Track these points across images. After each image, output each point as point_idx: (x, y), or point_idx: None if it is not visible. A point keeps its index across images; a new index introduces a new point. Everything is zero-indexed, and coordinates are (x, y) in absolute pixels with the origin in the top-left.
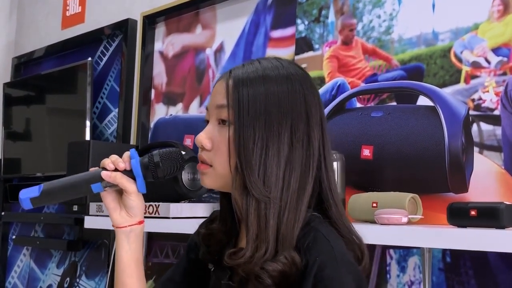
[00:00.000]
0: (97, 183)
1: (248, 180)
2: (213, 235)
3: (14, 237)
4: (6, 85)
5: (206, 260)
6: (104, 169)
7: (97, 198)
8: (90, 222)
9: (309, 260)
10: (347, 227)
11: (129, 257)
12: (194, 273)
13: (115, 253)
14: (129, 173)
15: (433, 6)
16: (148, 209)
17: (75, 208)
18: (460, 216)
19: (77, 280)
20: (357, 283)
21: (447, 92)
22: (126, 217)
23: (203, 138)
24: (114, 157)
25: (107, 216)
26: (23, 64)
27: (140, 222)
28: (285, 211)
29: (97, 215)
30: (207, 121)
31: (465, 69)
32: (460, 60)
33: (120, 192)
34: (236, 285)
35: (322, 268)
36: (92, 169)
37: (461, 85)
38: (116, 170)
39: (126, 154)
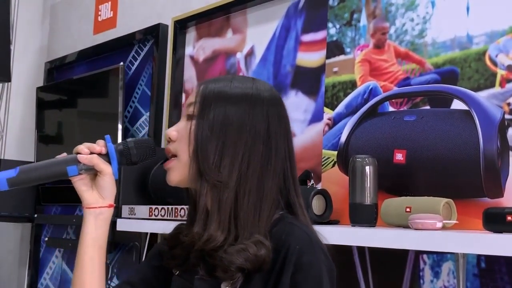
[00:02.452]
0: (73, 166)
1: (202, 165)
2: (178, 235)
3: (46, 239)
4: (39, 89)
5: (171, 265)
6: (78, 154)
7: (129, 201)
8: (122, 225)
9: (288, 250)
10: (312, 228)
11: (93, 239)
12: (154, 280)
13: (80, 235)
14: (104, 157)
15: (468, 9)
16: (180, 212)
17: None
18: (496, 221)
19: (109, 282)
20: (329, 271)
21: (482, 96)
22: (98, 198)
23: (170, 130)
24: (88, 144)
25: (140, 219)
26: (56, 69)
27: (110, 205)
28: (244, 199)
29: (129, 218)
30: None
31: (501, 72)
32: (495, 63)
33: (93, 177)
34: (207, 278)
35: (301, 256)
36: (62, 155)
37: (496, 89)
38: (91, 154)
39: (101, 141)
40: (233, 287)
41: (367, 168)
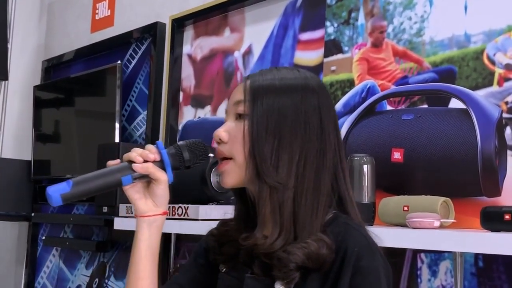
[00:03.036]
0: (128, 175)
1: (260, 167)
2: (228, 233)
3: (43, 237)
4: (36, 87)
5: (218, 261)
6: (131, 162)
7: (127, 200)
8: (119, 223)
9: (346, 252)
10: (364, 228)
11: (147, 248)
12: (202, 278)
13: (134, 243)
14: (158, 163)
15: (465, 8)
16: (177, 211)
17: (105, 209)
18: (494, 220)
19: (106, 281)
20: (386, 274)
21: (479, 94)
22: (152, 206)
23: (219, 131)
24: (139, 150)
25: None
26: (53, 67)
27: (164, 213)
28: (302, 199)
29: (127, 217)
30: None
31: (498, 71)
32: (493, 62)
33: (145, 183)
34: (260, 276)
35: (360, 259)
36: (111, 163)
37: (494, 88)
38: (144, 162)
39: (151, 146)
40: (287, 287)
41: (365, 167)
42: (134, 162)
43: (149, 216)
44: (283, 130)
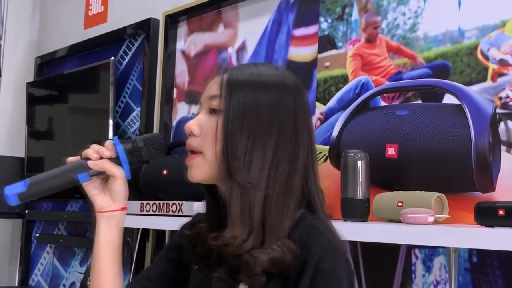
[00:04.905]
0: (84, 173)
1: (232, 165)
2: (200, 235)
3: (37, 235)
4: (29, 84)
5: (192, 262)
6: (87, 159)
7: None
8: None
9: (308, 254)
10: (332, 229)
11: (108, 244)
12: (172, 273)
13: (94, 239)
14: (114, 160)
15: (459, 3)
16: (171, 207)
17: None
18: (488, 215)
19: None
20: (349, 276)
21: (473, 90)
22: (110, 202)
23: (191, 124)
24: (96, 146)
25: (131, 214)
26: (46, 64)
27: (123, 209)
28: (272, 202)
29: None
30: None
31: (492, 66)
32: (486, 57)
33: (104, 180)
34: (226, 277)
35: (321, 260)
36: (71, 159)
37: (488, 83)
38: (100, 158)
39: (109, 142)
40: None
41: (359, 162)
42: (91, 159)
43: (107, 212)
44: (257, 130)
